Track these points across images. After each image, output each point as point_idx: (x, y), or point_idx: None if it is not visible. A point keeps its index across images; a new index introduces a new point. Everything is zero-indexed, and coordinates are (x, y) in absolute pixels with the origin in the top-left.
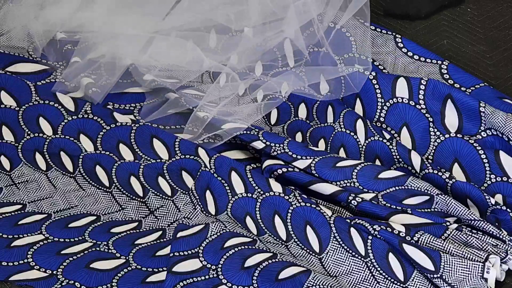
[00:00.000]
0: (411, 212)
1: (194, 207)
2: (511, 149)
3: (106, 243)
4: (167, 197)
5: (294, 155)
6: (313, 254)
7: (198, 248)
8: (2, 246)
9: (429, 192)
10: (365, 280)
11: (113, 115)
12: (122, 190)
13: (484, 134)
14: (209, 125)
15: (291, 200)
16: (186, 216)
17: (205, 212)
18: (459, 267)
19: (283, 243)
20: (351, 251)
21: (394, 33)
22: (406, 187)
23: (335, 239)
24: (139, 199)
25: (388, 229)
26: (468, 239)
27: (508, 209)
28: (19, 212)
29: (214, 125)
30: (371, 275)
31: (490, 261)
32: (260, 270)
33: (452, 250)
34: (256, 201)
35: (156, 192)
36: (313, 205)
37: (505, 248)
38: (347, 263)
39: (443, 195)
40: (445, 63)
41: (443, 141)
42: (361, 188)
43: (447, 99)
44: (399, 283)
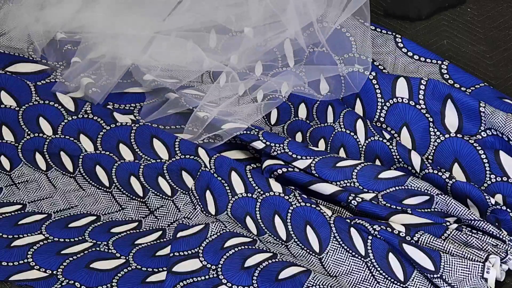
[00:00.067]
0: (411, 212)
1: (194, 207)
2: (511, 149)
3: (106, 243)
4: (167, 197)
5: (294, 155)
6: (313, 254)
7: (198, 248)
8: (2, 246)
9: (429, 192)
10: (365, 280)
11: (113, 115)
12: (122, 190)
13: (484, 134)
14: (209, 125)
15: (291, 200)
16: (186, 216)
17: (205, 212)
18: (459, 267)
19: (283, 243)
20: (351, 251)
21: (394, 33)
22: (406, 187)
23: (335, 239)
24: (139, 199)
25: (388, 229)
26: (468, 239)
27: (508, 209)
28: (19, 212)
29: (214, 125)
30: (371, 275)
31: (490, 261)
32: (260, 270)
33: (452, 250)
34: (256, 201)
35: (156, 192)
36: (313, 205)
37: (505, 248)
38: (347, 263)
39: (443, 195)
40: (445, 63)
41: (443, 141)
42: (361, 188)
43: (447, 99)
44: (399, 283)
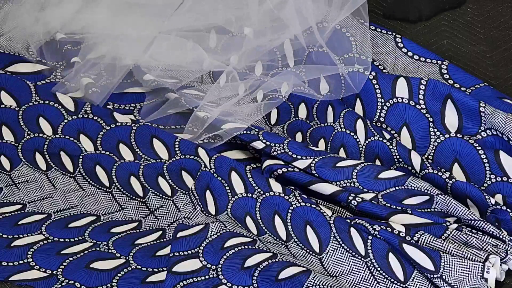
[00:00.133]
0: (411, 212)
1: (194, 207)
2: (511, 149)
3: (106, 243)
4: (167, 197)
5: (294, 155)
6: (313, 254)
7: (198, 248)
8: (2, 246)
9: (429, 192)
10: (365, 280)
11: (113, 115)
12: (122, 190)
13: (484, 134)
14: (209, 125)
15: (291, 200)
16: (186, 216)
17: (205, 212)
18: (459, 267)
19: (283, 243)
20: (351, 251)
21: (394, 33)
22: (406, 187)
23: (335, 239)
24: (139, 199)
25: (388, 229)
26: (468, 239)
27: (508, 209)
28: (19, 212)
29: (214, 125)
30: (371, 275)
31: (490, 261)
32: (260, 270)
33: (452, 250)
34: (256, 201)
35: (156, 192)
36: (313, 205)
37: (505, 248)
38: (347, 263)
39: (443, 195)
40: (445, 63)
41: (443, 141)
42: (361, 188)
43: (447, 99)
44: (399, 283)
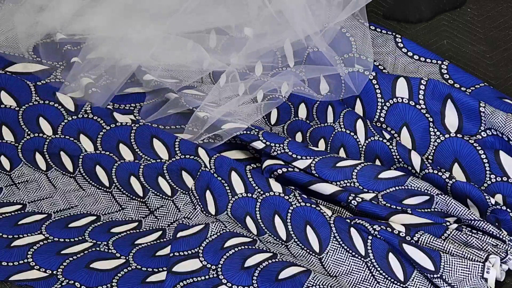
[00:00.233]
0: (411, 212)
1: (194, 207)
2: (511, 149)
3: (106, 243)
4: (167, 197)
5: (294, 155)
6: (313, 254)
7: (198, 248)
8: (2, 246)
9: (429, 192)
10: (365, 280)
11: (113, 115)
12: (122, 190)
13: (484, 134)
14: (209, 125)
15: (291, 200)
16: (186, 216)
17: (205, 212)
18: (459, 267)
19: (283, 243)
20: (351, 251)
21: (394, 33)
22: (406, 187)
23: (335, 239)
24: (139, 199)
25: (388, 229)
26: (468, 239)
27: (508, 209)
28: (19, 212)
29: (214, 125)
30: (371, 275)
31: (490, 261)
32: (260, 270)
33: (452, 250)
34: (256, 201)
35: (156, 192)
36: (313, 205)
37: (505, 248)
38: (347, 263)
39: (443, 195)
40: (445, 63)
41: (443, 141)
42: (361, 188)
43: (447, 99)
44: (399, 283)
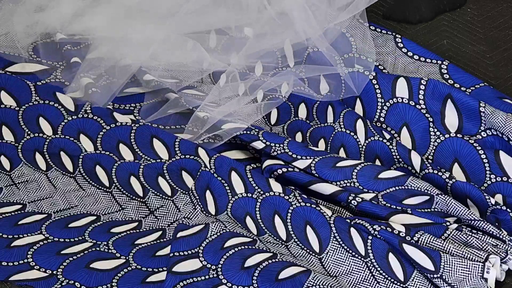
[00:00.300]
0: (411, 212)
1: (194, 207)
2: (511, 149)
3: (106, 243)
4: (167, 197)
5: (294, 155)
6: (313, 254)
7: (198, 248)
8: (2, 246)
9: (429, 192)
10: (365, 280)
11: (113, 115)
12: (122, 190)
13: (484, 134)
14: (209, 125)
15: (291, 200)
16: (186, 216)
17: (205, 212)
18: (459, 267)
19: (283, 243)
20: (351, 251)
21: (394, 33)
22: (406, 187)
23: (335, 239)
24: (139, 199)
25: (388, 229)
26: (468, 239)
27: (508, 209)
28: (19, 212)
29: (214, 125)
30: (371, 275)
31: (490, 261)
32: (260, 270)
33: (452, 250)
34: (256, 201)
35: (156, 192)
36: (313, 205)
37: (505, 248)
38: (347, 263)
39: (443, 195)
40: (445, 63)
41: (443, 141)
42: (361, 188)
43: (447, 99)
44: (399, 283)
